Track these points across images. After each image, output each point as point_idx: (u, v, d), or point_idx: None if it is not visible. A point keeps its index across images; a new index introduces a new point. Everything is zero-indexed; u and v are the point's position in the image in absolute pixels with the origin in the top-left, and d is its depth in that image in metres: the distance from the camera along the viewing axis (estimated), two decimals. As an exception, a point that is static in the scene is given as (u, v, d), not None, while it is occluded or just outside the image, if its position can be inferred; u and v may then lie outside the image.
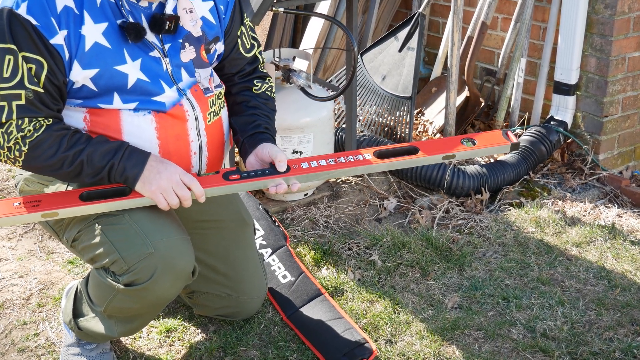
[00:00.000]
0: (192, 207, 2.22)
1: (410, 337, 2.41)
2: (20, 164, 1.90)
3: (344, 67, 3.83)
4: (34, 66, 1.83)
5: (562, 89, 3.64)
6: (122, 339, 2.38)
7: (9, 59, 1.82)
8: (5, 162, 1.91)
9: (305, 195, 3.29)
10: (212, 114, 2.09)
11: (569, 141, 3.71)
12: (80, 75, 1.88)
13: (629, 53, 3.56)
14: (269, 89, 2.27)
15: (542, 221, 3.13)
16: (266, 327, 2.45)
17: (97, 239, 1.96)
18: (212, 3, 2.10)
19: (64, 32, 1.84)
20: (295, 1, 3.09)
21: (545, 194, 3.39)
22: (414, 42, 3.77)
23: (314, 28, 4.02)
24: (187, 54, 2.03)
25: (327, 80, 3.87)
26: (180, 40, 2.01)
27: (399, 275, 2.77)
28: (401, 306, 2.57)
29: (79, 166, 1.89)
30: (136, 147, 1.94)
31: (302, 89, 3.02)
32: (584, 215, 3.22)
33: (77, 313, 2.21)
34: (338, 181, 3.43)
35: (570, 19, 3.51)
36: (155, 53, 1.96)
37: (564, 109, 3.66)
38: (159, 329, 2.42)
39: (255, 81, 2.25)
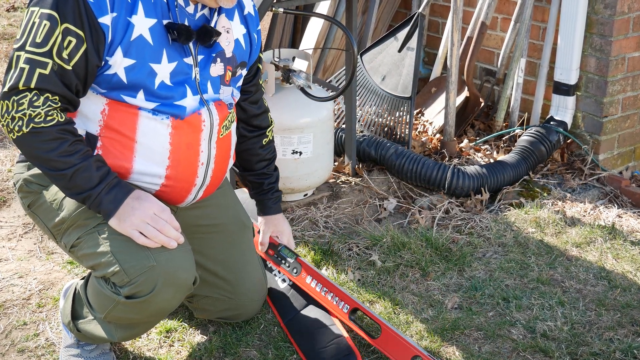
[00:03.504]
0: (191, 212, 2.23)
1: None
2: (14, 138, 1.87)
3: (344, 68, 3.82)
4: (74, 40, 1.82)
5: (562, 89, 3.64)
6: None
7: (45, 24, 1.81)
8: (4, 128, 1.88)
9: (305, 195, 3.29)
10: (225, 127, 2.12)
11: (568, 141, 3.71)
12: (119, 62, 1.87)
13: (629, 53, 3.56)
14: (272, 135, 2.45)
15: (542, 221, 3.13)
16: (266, 328, 2.45)
17: (98, 249, 1.95)
18: (245, 30, 2.15)
19: (114, 15, 1.84)
20: (294, 1, 3.09)
21: (545, 194, 3.39)
22: (413, 42, 3.77)
23: (314, 28, 4.02)
24: (217, 69, 2.06)
25: (327, 81, 3.87)
26: (214, 55, 2.04)
27: (398, 275, 2.76)
28: (401, 306, 2.57)
29: (60, 176, 1.89)
30: (121, 182, 1.93)
31: (302, 89, 3.02)
32: (584, 216, 3.22)
33: (75, 315, 2.19)
34: (338, 181, 3.43)
35: (570, 19, 3.51)
36: (189, 60, 1.98)
37: (564, 109, 3.66)
38: (159, 329, 2.42)
39: (267, 132, 2.41)
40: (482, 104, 3.90)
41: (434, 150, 3.75)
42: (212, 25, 2.01)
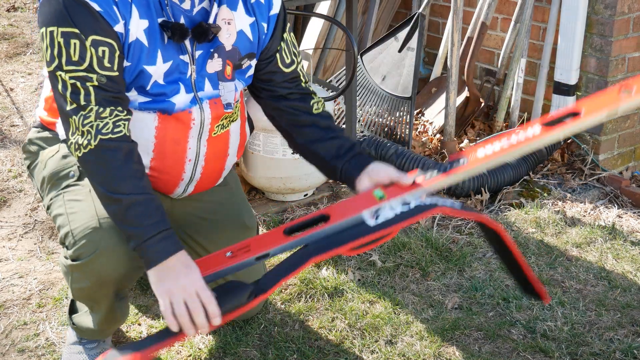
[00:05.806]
0: (189, 202, 2.21)
1: (410, 337, 2.41)
2: (80, 155, 1.80)
3: (344, 68, 3.83)
4: (106, 49, 1.79)
5: (562, 89, 3.64)
6: (123, 338, 2.38)
7: (75, 43, 1.77)
8: (71, 148, 1.82)
9: (305, 195, 3.29)
10: (220, 126, 2.06)
11: (568, 141, 3.71)
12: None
13: (629, 53, 3.56)
14: (324, 107, 2.13)
15: (542, 222, 3.13)
16: (266, 328, 2.45)
17: (60, 210, 1.99)
18: (252, 19, 2.01)
19: (123, 22, 1.82)
20: (294, 1, 3.09)
21: (545, 194, 3.39)
22: (413, 42, 3.77)
23: (314, 28, 4.02)
24: (214, 65, 1.98)
25: (327, 81, 3.87)
26: (211, 50, 1.96)
27: (399, 275, 2.77)
28: (401, 307, 2.57)
29: (115, 201, 1.79)
30: (174, 236, 1.81)
31: (302, 90, 3.01)
32: (584, 216, 3.22)
33: (72, 309, 2.26)
34: (338, 181, 3.42)
35: (570, 20, 3.51)
36: (185, 58, 1.93)
37: (564, 109, 3.66)
38: (159, 329, 2.41)
39: (310, 102, 2.10)
40: (482, 104, 3.90)
41: (434, 151, 3.75)
42: (212, 18, 1.93)
